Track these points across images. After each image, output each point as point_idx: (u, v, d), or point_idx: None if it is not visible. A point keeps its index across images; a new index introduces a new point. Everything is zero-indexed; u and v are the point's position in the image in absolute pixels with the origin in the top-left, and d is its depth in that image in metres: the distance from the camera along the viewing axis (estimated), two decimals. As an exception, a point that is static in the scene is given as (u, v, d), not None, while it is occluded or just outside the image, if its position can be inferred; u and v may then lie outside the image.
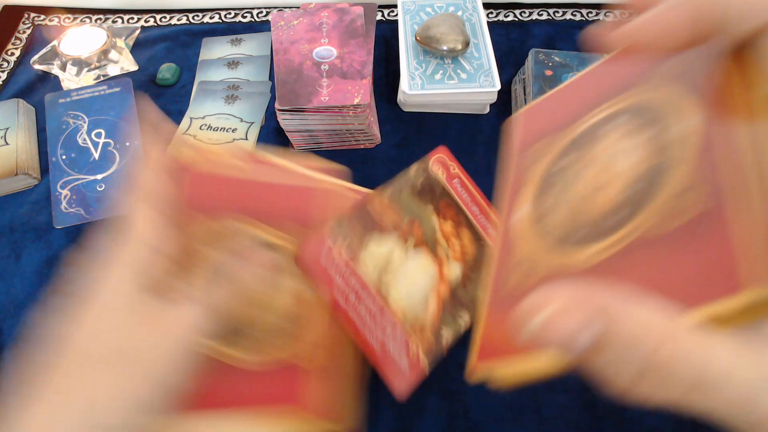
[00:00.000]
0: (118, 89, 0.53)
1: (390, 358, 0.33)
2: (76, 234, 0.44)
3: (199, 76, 0.55)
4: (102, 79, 0.55)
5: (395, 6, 0.61)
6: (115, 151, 0.49)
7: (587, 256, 0.18)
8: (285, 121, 0.46)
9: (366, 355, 0.33)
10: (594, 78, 0.27)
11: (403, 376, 0.33)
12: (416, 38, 0.51)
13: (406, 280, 0.35)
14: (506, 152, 0.26)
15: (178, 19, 0.62)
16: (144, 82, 0.55)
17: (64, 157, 0.48)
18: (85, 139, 0.50)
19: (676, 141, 0.18)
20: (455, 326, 0.35)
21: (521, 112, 0.28)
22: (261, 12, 0.62)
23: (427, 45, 0.50)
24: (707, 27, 0.17)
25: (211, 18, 0.62)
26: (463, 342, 0.39)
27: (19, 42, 0.59)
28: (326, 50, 0.49)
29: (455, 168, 0.41)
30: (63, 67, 0.54)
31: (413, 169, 0.39)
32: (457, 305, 0.36)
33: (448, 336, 0.35)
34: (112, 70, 0.56)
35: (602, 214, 0.19)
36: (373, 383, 0.38)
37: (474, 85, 0.48)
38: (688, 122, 0.18)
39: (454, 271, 0.37)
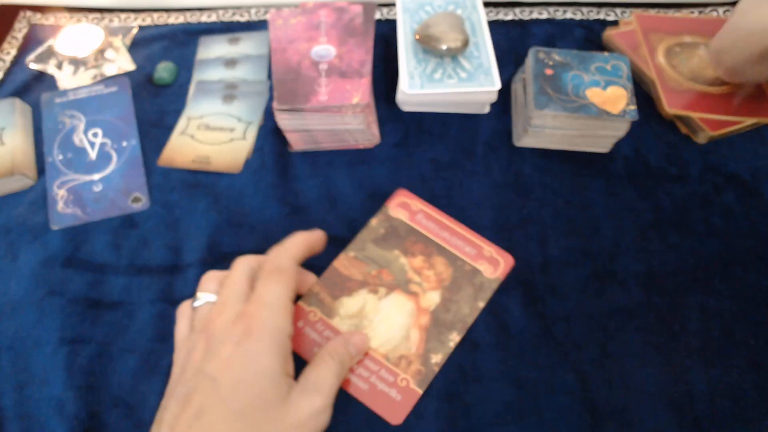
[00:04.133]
0: (115, 89, 0.52)
1: (379, 393, 0.35)
2: (72, 235, 0.44)
3: (197, 76, 0.55)
4: (99, 78, 0.55)
5: (394, 4, 0.60)
6: (112, 151, 0.49)
7: None
8: (283, 120, 0.46)
9: (355, 397, 0.35)
10: None
11: (393, 404, 0.35)
12: (416, 37, 0.50)
13: (383, 323, 0.37)
14: None
15: (176, 18, 0.61)
16: (141, 82, 0.55)
17: (60, 157, 0.48)
18: (81, 139, 0.49)
19: None
20: (444, 348, 0.37)
21: None
22: (259, 11, 0.62)
23: (426, 44, 0.49)
24: None
25: (208, 17, 0.61)
26: (461, 344, 0.39)
27: (14, 41, 0.59)
28: (325, 49, 0.48)
29: (417, 204, 0.43)
30: (59, 67, 0.54)
31: (374, 221, 0.41)
32: (442, 329, 0.37)
33: (437, 359, 0.37)
34: (109, 70, 0.55)
35: None
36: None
37: (474, 85, 0.48)
38: None
39: (432, 299, 0.39)
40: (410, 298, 0.39)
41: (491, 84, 0.48)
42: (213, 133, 0.50)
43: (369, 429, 0.35)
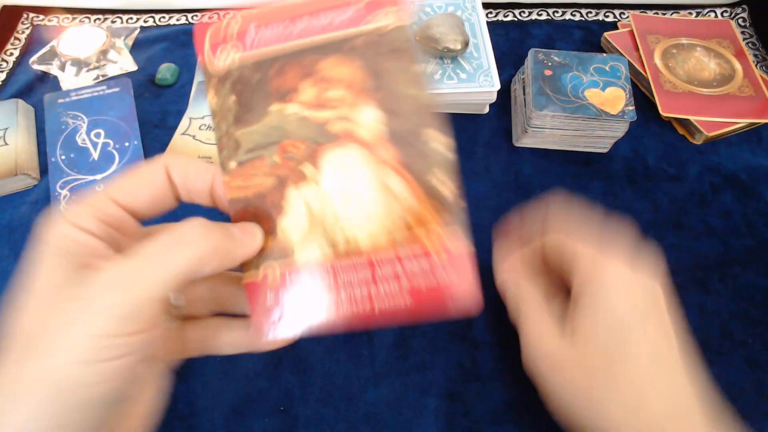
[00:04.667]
0: (117, 89, 0.53)
1: (425, 289, 0.22)
2: (75, 234, 0.44)
3: (199, 76, 0.55)
4: (101, 79, 0.55)
5: (394, 6, 0.61)
6: (114, 152, 0.49)
7: None
8: (284, 121, 0.46)
9: (404, 323, 0.24)
10: None
11: (451, 284, 0.22)
12: (415, 38, 0.51)
13: (347, 203, 0.23)
14: None
15: (177, 19, 0.62)
16: (143, 83, 0.55)
17: (63, 157, 0.48)
18: (84, 140, 0.49)
19: None
20: (437, 159, 0.24)
21: None
22: (260, 12, 0.62)
23: (426, 45, 0.50)
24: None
25: (210, 18, 0.62)
26: (462, 338, 0.39)
27: (18, 42, 0.59)
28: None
29: (233, 23, 0.25)
30: (62, 68, 0.54)
31: (211, 97, 0.24)
32: (412, 140, 0.24)
33: (443, 179, 0.24)
34: (112, 70, 0.56)
35: None
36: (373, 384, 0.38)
37: (473, 85, 0.48)
38: None
39: (370, 120, 0.24)
40: (345, 144, 0.24)
41: (491, 85, 0.48)
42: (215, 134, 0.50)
43: (369, 428, 0.35)
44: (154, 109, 0.53)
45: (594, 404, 0.27)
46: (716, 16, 0.61)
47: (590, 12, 0.62)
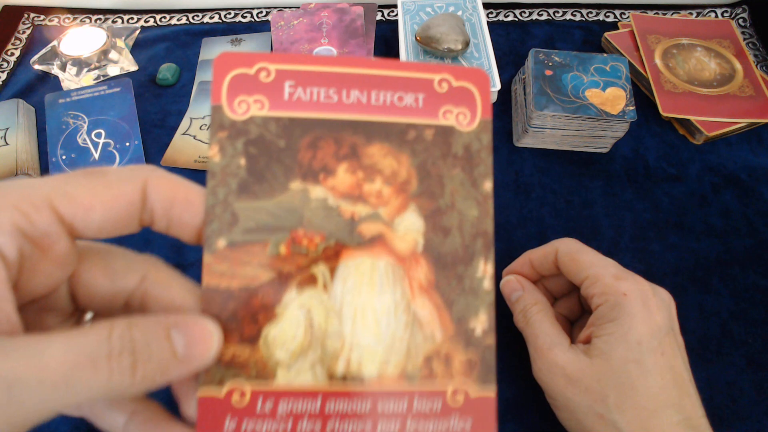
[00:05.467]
0: (118, 89, 0.53)
1: None
2: (76, 234, 0.44)
3: (200, 76, 0.55)
4: (102, 79, 0.55)
5: (395, 6, 0.61)
6: (115, 152, 0.49)
7: None
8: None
9: None
10: None
11: (469, 428, 0.19)
12: (416, 38, 0.51)
13: (359, 325, 0.20)
14: None
15: (178, 20, 0.62)
16: (144, 82, 0.55)
17: (64, 157, 0.48)
18: (85, 140, 0.50)
19: None
20: (482, 298, 0.21)
21: None
22: (261, 12, 0.62)
23: (427, 45, 0.50)
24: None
25: (210, 18, 0.62)
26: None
27: (18, 42, 0.59)
28: (326, 50, 0.49)
29: (265, 75, 0.20)
30: (63, 68, 0.54)
31: (215, 153, 0.19)
32: (458, 268, 0.20)
33: (483, 323, 0.20)
34: (112, 71, 0.56)
35: None
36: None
37: (474, 85, 0.48)
38: None
39: (410, 229, 0.20)
40: (375, 252, 0.20)
41: (491, 85, 0.48)
42: (215, 134, 0.50)
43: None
44: (154, 109, 0.53)
45: (607, 417, 0.27)
46: (716, 16, 0.61)
47: (591, 12, 0.62)
